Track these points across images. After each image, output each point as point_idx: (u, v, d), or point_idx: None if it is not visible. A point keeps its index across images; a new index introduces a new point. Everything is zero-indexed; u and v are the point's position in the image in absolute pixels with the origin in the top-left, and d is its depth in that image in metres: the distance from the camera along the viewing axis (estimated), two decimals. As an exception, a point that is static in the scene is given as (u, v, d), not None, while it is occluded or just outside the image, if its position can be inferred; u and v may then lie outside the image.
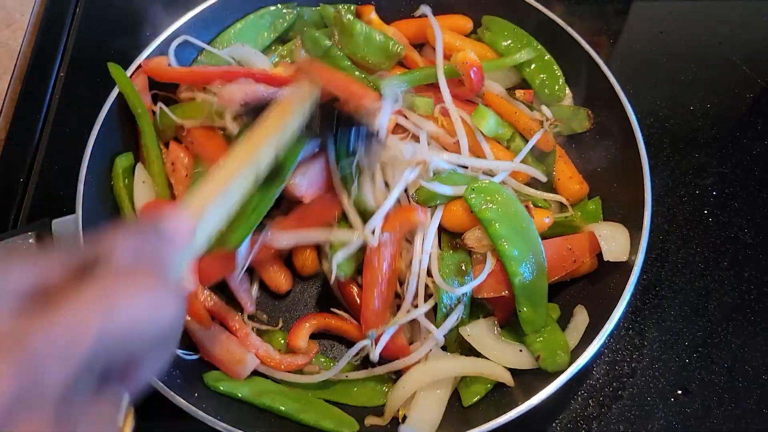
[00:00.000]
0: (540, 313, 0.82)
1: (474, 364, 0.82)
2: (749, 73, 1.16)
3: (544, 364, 0.80)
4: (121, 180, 0.93)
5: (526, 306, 0.81)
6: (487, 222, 0.81)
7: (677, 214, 1.02)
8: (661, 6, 1.26)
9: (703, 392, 0.88)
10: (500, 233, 0.81)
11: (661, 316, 0.94)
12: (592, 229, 0.87)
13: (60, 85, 1.14)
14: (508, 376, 0.81)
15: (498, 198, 0.82)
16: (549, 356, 0.79)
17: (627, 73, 1.15)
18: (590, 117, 0.96)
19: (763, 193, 1.04)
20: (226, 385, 0.81)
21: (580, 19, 1.23)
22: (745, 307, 0.94)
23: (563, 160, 0.97)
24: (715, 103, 1.13)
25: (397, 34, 1.03)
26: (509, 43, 1.02)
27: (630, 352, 0.91)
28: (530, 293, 0.81)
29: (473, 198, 0.82)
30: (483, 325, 0.83)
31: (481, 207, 0.81)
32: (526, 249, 0.81)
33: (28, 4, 1.23)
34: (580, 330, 0.83)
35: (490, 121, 0.89)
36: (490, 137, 0.91)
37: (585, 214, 0.92)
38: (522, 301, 0.81)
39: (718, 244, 0.99)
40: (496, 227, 0.81)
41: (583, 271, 0.89)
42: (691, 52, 1.19)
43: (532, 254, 0.81)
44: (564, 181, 0.94)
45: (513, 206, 0.82)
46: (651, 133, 1.08)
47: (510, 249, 0.80)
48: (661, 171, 1.06)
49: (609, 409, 0.87)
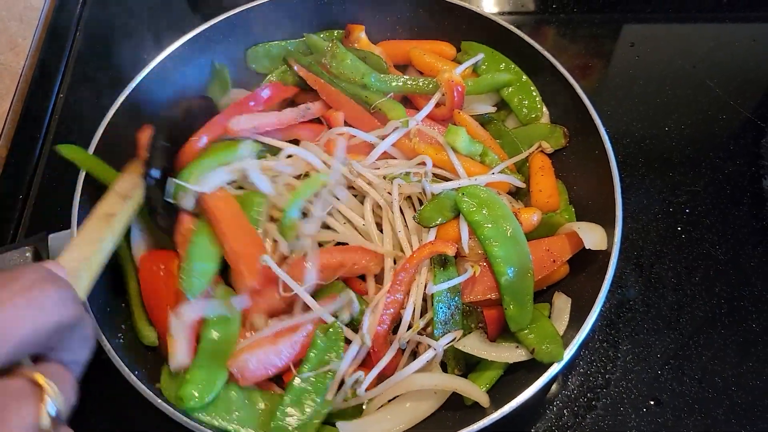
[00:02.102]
0: (525, 311, 0.85)
1: (452, 381, 0.82)
2: (722, 95, 1.21)
3: (539, 356, 0.81)
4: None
5: (512, 304, 0.84)
6: (477, 224, 0.85)
7: (651, 230, 1.06)
8: (637, 30, 1.31)
9: (674, 403, 0.91)
10: (488, 235, 0.85)
11: (635, 329, 0.97)
12: (568, 231, 0.90)
13: (60, 105, 1.19)
14: (484, 398, 0.81)
15: (486, 201, 0.86)
16: (542, 348, 0.81)
17: (605, 96, 1.21)
18: (566, 135, 1.00)
19: (734, 211, 1.07)
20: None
21: (567, 44, 1.29)
22: (715, 320, 0.97)
23: (543, 172, 1.00)
24: (689, 124, 1.17)
25: (383, 53, 1.08)
26: (486, 66, 1.06)
27: (604, 364, 0.94)
28: (516, 292, 0.84)
29: (465, 201, 0.86)
30: (475, 337, 0.85)
31: (470, 210, 0.86)
32: (513, 250, 0.85)
33: (30, 28, 1.29)
34: (565, 313, 0.86)
35: (464, 139, 0.93)
36: (464, 155, 0.95)
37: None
38: (508, 299, 0.84)
39: (691, 259, 1.03)
40: (485, 229, 0.85)
41: (557, 277, 0.92)
42: (666, 75, 1.24)
43: (517, 255, 0.85)
44: (534, 194, 0.97)
45: (500, 209, 0.86)
46: (627, 153, 1.13)
47: (497, 250, 0.84)
48: (636, 189, 1.10)
49: (583, 419, 0.90)
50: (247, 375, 0.79)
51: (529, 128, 1.03)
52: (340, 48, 1.01)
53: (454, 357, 0.85)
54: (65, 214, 0.89)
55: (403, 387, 0.81)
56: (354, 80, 1.00)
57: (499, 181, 0.94)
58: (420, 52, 1.07)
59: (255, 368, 0.79)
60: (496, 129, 1.03)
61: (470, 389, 0.81)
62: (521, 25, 1.08)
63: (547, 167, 1.01)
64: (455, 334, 0.83)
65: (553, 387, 0.92)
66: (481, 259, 0.86)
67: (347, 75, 1.01)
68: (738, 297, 0.99)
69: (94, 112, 1.00)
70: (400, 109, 0.96)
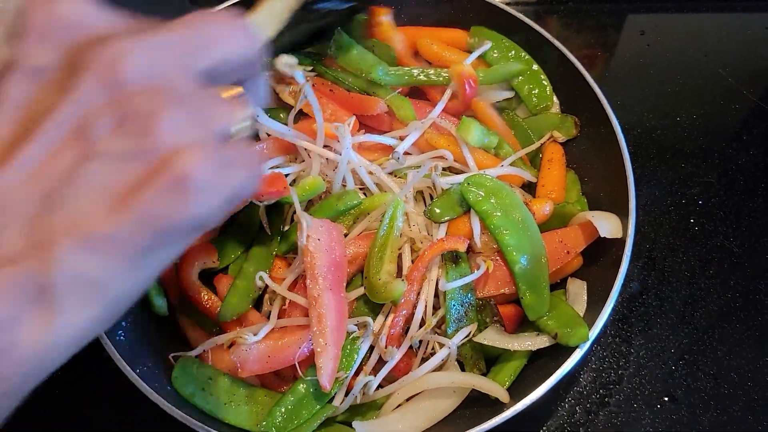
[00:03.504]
0: (542, 299, 0.82)
1: (469, 377, 0.80)
2: (734, 85, 1.18)
3: (563, 339, 0.78)
4: None
5: (528, 292, 0.82)
6: (485, 214, 0.83)
7: (664, 223, 1.03)
8: (648, 19, 1.28)
9: (689, 399, 0.89)
10: (498, 223, 0.82)
11: (648, 324, 0.95)
12: (581, 221, 0.88)
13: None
14: (504, 394, 0.78)
15: (493, 189, 0.84)
16: (564, 331, 0.78)
17: (615, 85, 1.18)
18: (577, 125, 0.98)
19: (748, 203, 1.05)
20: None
21: (575, 33, 1.26)
22: (730, 314, 0.95)
23: (551, 165, 0.98)
24: (701, 114, 1.15)
25: (404, 41, 1.05)
26: (496, 54, 1.04)
27: (616, 360, 0.92)
28: (531, 279, 0.82)
29: (471, 191, 0.83)
30: (493, 330, 0.82)
31: (477, 199, 0.83)
32: (524, 237, 0.83)
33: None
34: (582, 296, 0.84)
35: (476, 132, 0.91)
36: (477, 147, 0.92)
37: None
38: (524, 288, 0.82)
39: (704, 252, 1.01)
40: (494, 218, 0.83)
41: (570, 270, 0.90)
42: (677, 64, 1.21)
43: (529, 241, 0.83)
44: (538, 187, 0.95)
45: (508, 197, 0.84)
46: (638, 144, 1.10)
47: (508, 238, 0.82)
48: (648, 180, 1.07)
49: (596, 416, 0.88)
50: (247, 367, 0.77)
51: (539, 118, 1.01)
52: (344, 37, 0.98)
53: (472, 355, 0.82)
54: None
55: (419, 386, 0.79)
56: (361, 73, 0.97)
57: (510, 174, 0.92)
58: (428, 42, 1.04)
59: (255, 360, 0.77)
60: (509, 119, 1.01)
61: (489, 385, 0.79)
62: (526, 15, 1.05)
63: (556, 159, 0.98)
64: (470, 328, 0.81)
65: (564, 384, 0.90)
66: (494, 253, 0.84)
67: (354, 67, 0.97)
68: (753, 290, 0.97)
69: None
70: (408, 108, 0.93)
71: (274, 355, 0.78)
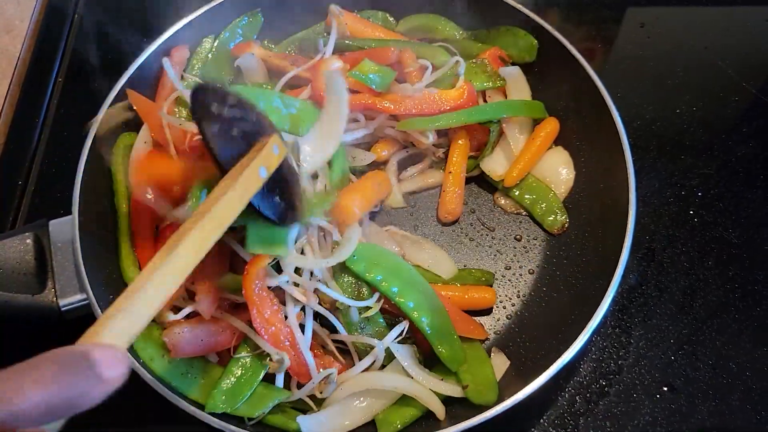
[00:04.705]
0: (457, 347, 0.84)
1: (412, 385, 0.82)
2: (734, 77, 1.18)
3: (471, 394, 0.81)
4: (120, 156, 0.95)
5: (441, 346, 0.83)
6: (377, 283, 0.84)
7: (663, 214, 1.04)
8: (648, 12, 1.28)
9: (688, 389, 0.90)
10: (392, 291, 0.84)
11: (647, 314, 0.95)
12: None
13: (58, 90, 1.17)
14: (441, 408, 0.81)
15: (380, 258, 0.85)
16: (476, 388, 0.81)
17: (615, 78, 1.18)
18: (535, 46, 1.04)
19: (747, 194, 1.05)
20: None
21: (576, 25, 1.26)
22: (729, 305, 0.96)
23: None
24: (701, 106, 1.15)
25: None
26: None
27: (616, 350, 0.93)
28: (440, 333, 0.84)
29: (359, 265, 0.83)
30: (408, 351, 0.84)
31: (366, 273, 0.84)
32: (420, 296, 0.84)
33: (28, 11, 1.26)
34: (501, 370, 0.86)
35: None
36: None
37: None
38: (436, 342, 0.83)
39: (704, 243, 1.01)
40: (386, 286, 0.84)
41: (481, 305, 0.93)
42: (677, 57, 1.22)
43: (425, 298, 0.84)
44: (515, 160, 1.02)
45: (394, 261, 0.86)
46: (638, 136, 1.10)
47: (406, 302, 0.83)
48: (648, 172, 1.08)
49: (596, 406, 0.89)
50: (180, 349, 0.79)
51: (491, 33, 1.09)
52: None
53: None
54: (66, 201, 0.87)
55: (368, 383, 0.82)
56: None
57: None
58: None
59: (188, 343, 0.79)
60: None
61: (426, 396, 0.81)
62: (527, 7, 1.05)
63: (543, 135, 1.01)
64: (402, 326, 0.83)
65: (565, 374, 0.91)
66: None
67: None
68: (752, 281, 0.97)
69: (92, 96, 0.98)
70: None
71: (207, 339, 0.80)
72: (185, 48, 1.04)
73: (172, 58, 1.02)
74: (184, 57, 1.04)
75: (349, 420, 0.81)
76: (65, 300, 0.81)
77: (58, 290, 0.82)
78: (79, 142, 0.91)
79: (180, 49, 1.03)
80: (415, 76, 0.99)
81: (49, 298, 0.81)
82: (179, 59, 1.03)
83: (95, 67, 1.16)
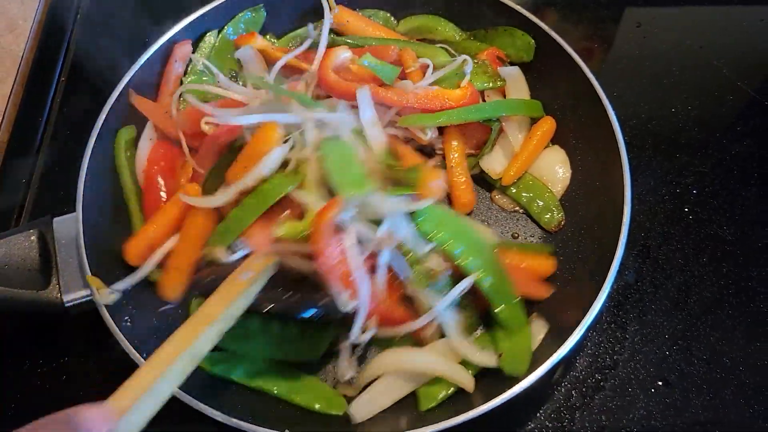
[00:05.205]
0: (516, 307, 0.87)
1: (441, 364, 0.84)
2: (729, 76, 1.20)
3: (503, 363, 0.83)
4: (123, 152, 0.97)
5: (500, 307, 0.86)
6: (442, 243, 0.86)
7: (659, 212, 1.05)
8: (645, 12, 1.30)
9: (682, 383, 0.91)
10: (455, 252, 0.85)
11: (642, 310, 0.97)
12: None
13: (61, 88, 1.18)
14: (470, 382, 0.84)
15: (446, 219, 0.87)
16: (510, 357, 0.83)
17: (612, 77, 1.20)
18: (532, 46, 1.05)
19: (741, 192, 1.07)
20: (220, 368, 0.84)
21: (574, 25, 1.28)
22: (723, 301, 0.97)
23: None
24: (697, 105, 1.16)
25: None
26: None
27: (612, 345, 0.94)
28: (500, 294, 0.86)
29: (427, 225, 0.85)
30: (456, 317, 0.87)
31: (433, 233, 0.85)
32: (482, 258, 0.86)
33: (31, 10, 1.27)
34: (537, 339, 0.87)
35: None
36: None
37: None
38: (496, 303, 0.86)
39: (698, 240, 1.03)
40: (450, 246, 0.85)
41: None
42: (674, 56, 1.23)
43: (487, 260, 0.86)
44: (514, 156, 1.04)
45: (459, 222, 0.89)
46: (634, 134, 1.12)
47: (469, 263, 0.85)
48: (644, 170, 1.09)
49: (591, 400, 0.90)
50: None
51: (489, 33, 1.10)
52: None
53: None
54: (70, 198, 0.89)
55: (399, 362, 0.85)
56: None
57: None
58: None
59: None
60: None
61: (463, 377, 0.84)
62: (525, 7, 1.07)
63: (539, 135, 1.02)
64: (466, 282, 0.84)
65: (561, 368, 0.92)
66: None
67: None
68: (746, 277, 0.99)
69: (95, 95, 0.99)
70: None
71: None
72: (188, 43, 1.05)
73: (175, 54, 1.03)
74: (187, 52, 1.05)
75: (391, 397, 0.85)
76: (69, 296, 0.83)
77: (62, 286, 0.83)
78: (82, 140, 0.92)
79: (183, 44, 1.04)
80: (416, 75, 1.00)
81: (54, 293, 0.83)
82: (182, 55, 1.04)
83: (98, 66, 1.17)
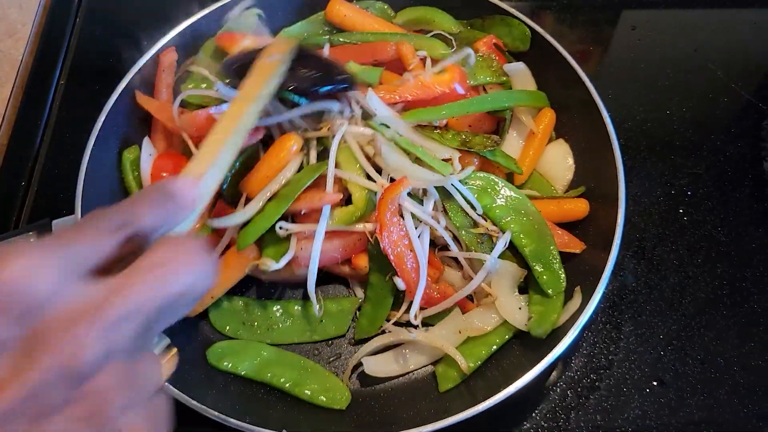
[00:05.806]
0: (556, 274, 0.89)
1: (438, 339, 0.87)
2: (723, 79, 1.21)
3: (531, 326, 0.86)
4: (131, 173, 0.98)
5: (541, 268, 0.89)
6: (486, 207, 0.90)
7: (653, 213, 1.06)
8: (639, 15, 1.31)
9: (677, 383, 0.92)
10: (497, 213, 0.90)
11: (637, 311, 0.97)
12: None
13: (60, 92, 1.19)
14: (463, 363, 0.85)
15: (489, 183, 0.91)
16: (538, 321, 0.85)
17: (607, 80, 1.21)
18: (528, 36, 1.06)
19: (736, 193, 1.08)
20: (226, 364, 0.85)
21: (570, 28, 1.29)
22: (717, 301, 0.98)
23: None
24: (691, 107, 1.17)
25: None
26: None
27: (607, 345, 0.95)
28: (541, 256, 0.89)
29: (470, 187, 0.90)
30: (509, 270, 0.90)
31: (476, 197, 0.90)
32: (525, 221, 0.90)
33: (30, 15, 1.28)
34: (570, 310, 0.87)
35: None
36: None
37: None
38: (536, 266, 0.89)
39: (693, 241, 1.03)
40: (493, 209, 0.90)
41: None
42: (668, 59, 1.24)
43: (532, 222, 0.90)
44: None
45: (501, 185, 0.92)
46: (628, 137, 1.12)
47: (514, 226, 0.90)
48: (638, 172, 1.10)
49: (587, 400, 0.91)
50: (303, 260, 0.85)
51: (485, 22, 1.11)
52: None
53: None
54: (68, 201, 0.89)
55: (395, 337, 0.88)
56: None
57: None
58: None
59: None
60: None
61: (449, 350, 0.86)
62: (521, 11, 1.07)
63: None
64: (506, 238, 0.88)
65: (556, 369, 0.93)
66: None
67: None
68: (740, 278, 0.99)
69: (95, 99, 1.00)
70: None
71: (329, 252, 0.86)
72: (172, 50, 1.04)
73: (162, 63, 1.02)
74: (172, 60, 1.04)
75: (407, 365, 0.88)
76: (68, 297, 0.83)
77: (61, 287, 0.83)
78: (82, 144, 0.93)
79: (167, 52, 1.03)
80: (419, 69, 1.00)
81: (53, 295, 0.83)
82: (168, 63, 1.03)
83: (97, 70, 1.18)
